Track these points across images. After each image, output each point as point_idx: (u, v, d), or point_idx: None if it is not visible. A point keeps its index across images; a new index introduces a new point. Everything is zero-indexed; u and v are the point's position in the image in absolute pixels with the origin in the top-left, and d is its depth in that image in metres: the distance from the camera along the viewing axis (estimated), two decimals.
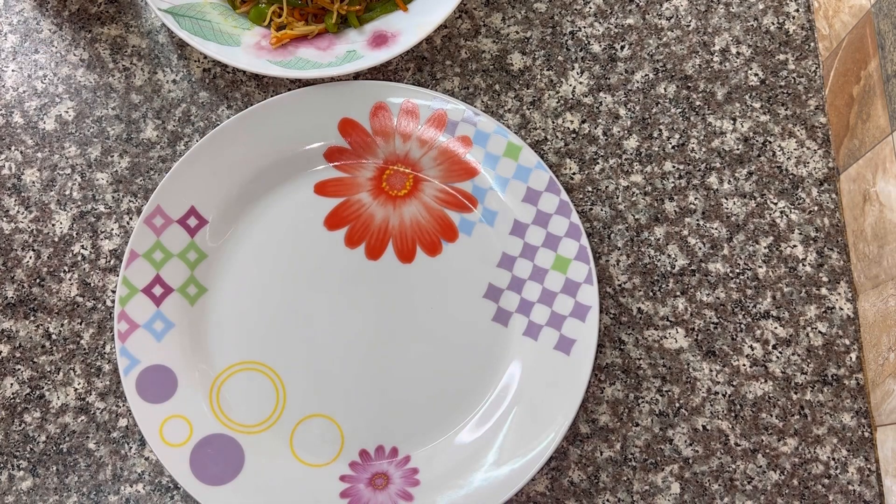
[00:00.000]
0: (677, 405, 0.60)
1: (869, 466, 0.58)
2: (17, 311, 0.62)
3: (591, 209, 0.63)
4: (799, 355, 0.60)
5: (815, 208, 0.63)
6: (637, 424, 0.60)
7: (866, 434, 0.59)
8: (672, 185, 0.64)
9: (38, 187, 0.65)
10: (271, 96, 0.66)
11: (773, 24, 0.67)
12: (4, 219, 0.64)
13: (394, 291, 0.61)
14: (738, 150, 0.64)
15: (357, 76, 0.66)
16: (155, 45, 0.68)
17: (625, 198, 0.64)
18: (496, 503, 0.55)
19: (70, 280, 0.63)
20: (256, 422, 0.59)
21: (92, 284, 0.63)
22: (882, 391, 0.58)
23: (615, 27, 0.67)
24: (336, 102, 0.63)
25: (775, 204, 0.63)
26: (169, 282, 0.61)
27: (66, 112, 0.66)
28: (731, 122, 0.65)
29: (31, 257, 0.63)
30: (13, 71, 0.67)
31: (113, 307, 0.62)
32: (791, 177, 0.64)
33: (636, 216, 0.63)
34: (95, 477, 0.60)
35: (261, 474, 0.58)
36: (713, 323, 0.61)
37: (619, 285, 0.62)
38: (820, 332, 0.61)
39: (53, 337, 0.62)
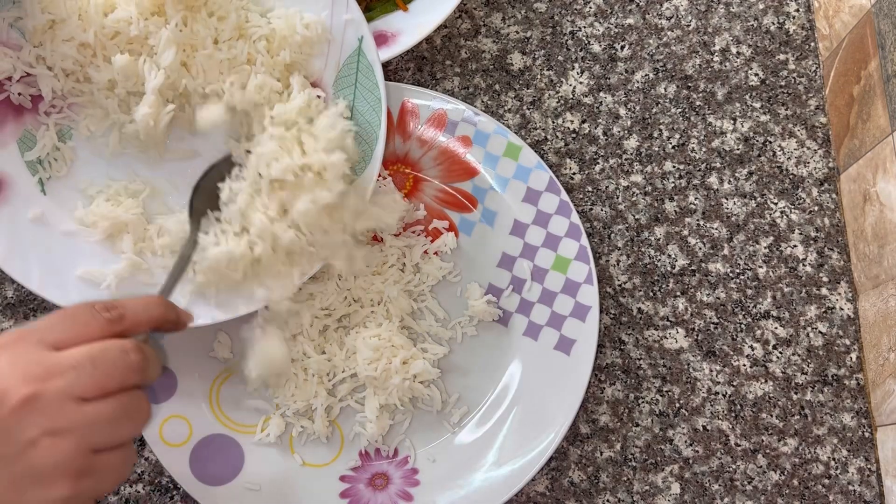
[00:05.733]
0: (677, 405, 0.60)
1: (869, 466, 0.58)
2: (16, 311, 0.62)
3: (591, 209, 0.63)
4: (799, 355, 0.60)
5: (816, 208, 0.63)
6: (637, 425, 0.60)
7: (866, 434, 0.59)
8: (672, 185, 0.64)
9: None
10: None
11: (773, 23, 0.67)
12: None
13: None
14: (738, 150, 0.64)
15: None
16: None
17: (625, 198, 0.64)
18: (496, 503, 0.55)
19: None
20: (256, 422, 0.59)
21: None
22: (882, 391, 0.57)
23: (615, 27, 0.67)
24: None
25: (775, 204, 0.63)
26: None
27: None
28: (732, 122, 0.65)
29: None
30: None
31: None
32: (791, 177, 0.64)
33: (636, 216, 0.63)
34: None
35: (261, 474, 0.58)
36: (713, 323, 0.61)
37: (620, 285, 0.62)
38: (820, 332, 0.61)
39: None
